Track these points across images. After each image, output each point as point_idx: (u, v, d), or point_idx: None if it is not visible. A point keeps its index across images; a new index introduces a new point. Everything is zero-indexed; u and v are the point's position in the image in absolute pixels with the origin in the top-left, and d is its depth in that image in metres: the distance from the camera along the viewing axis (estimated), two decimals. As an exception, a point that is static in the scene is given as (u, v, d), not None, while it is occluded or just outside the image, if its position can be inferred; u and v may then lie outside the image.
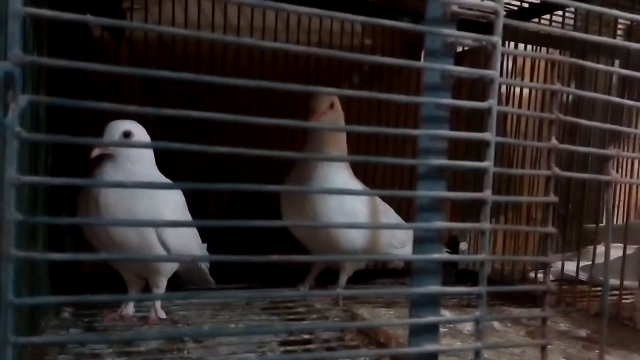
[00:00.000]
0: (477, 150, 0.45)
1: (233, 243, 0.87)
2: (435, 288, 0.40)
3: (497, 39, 0.40)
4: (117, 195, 0.77)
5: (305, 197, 1.01)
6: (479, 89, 1.15)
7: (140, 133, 0.81)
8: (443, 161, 0.40)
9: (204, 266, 0.99)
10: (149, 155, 0.83)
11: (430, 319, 0.40)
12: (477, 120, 1.11)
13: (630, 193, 1.22)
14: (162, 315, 0.86)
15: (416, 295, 0.41)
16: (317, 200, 1.00)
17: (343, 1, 1.22)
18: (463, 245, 1.46)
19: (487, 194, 0.40)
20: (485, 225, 0.40)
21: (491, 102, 0.40)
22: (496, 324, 0.88)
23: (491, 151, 0.40)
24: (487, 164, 0.40)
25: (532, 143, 0.69)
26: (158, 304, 0.86)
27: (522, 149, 1.30)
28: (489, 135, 0.40)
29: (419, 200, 0.40)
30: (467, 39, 0.41)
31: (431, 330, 0.41)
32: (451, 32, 0.39)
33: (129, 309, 0.87)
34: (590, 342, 0.84)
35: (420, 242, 0.41)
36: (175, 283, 0.94)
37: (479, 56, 1.31)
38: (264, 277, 1.03)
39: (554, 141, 0.44)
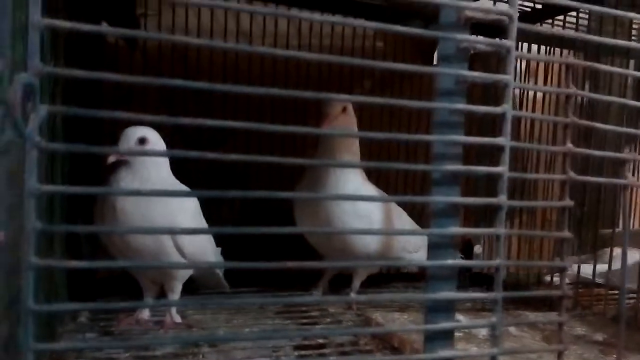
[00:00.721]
0: (490, 154, 0.44)
1: (246, 247, 0.87)
2: (450, 294, 0.40)
3: (511, 43, 0.40)
4: (133, 202, 0.78)
5: (319, 202, 1.01)
6: (491, 92, 1.15)
7: (155, 139, 0.81)
8: (458, 166, 0.40)
9: (219, 270, 1.00)
10: (164, 161, 0.83)
11: (446, 324, 0.40)
12: (489, 123, 1.10)
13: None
14: (178, 319, 0.87)
15: (431, 301, 0.41)
16: (330, 205, 0.99)
17: (354, 5, 1.23)
18: (477, 249, 1.45)
19: (502, 199, 0.40)
20: (501, 230, 0.40)
21: (505, 107, 0.40)
22: (512, 329, 0.88)
23: (506, 156, 0.40)
24: (502, 169, 0.40)
25: (548, 147, 0.68)
26: (173, 308, 0.87)
27: (536, 152, 1.29)
28: (504, 140, 0.40)
29: (434, 206, 0.40)
30: (481, 43, 0.41)
31: (446, 336, 0.41)
32: (465, 37, 0.39)
33: (145, 313, 0.87)
34: (607, 346, 0.82)
35: (435, 247, 0.41)
36: (190, 287, 0.95)
37: (490, 59, 1.31)
38: (277, 281, 1.03)
39: (569, 145, 0.44)
